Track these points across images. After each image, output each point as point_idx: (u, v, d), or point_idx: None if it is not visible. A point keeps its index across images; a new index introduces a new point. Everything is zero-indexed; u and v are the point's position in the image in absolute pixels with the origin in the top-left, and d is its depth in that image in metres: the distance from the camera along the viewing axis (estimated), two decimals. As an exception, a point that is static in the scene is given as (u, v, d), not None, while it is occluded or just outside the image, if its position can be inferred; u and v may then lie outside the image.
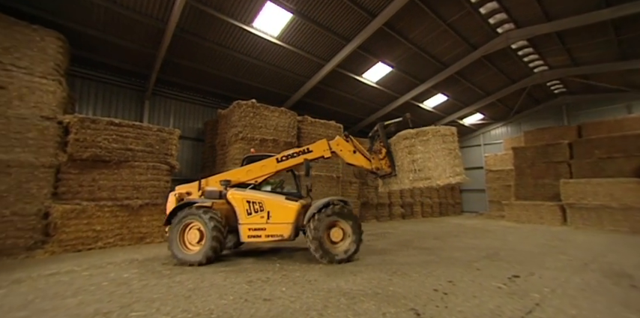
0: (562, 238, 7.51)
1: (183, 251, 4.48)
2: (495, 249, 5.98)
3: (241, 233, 4.69)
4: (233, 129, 8.07)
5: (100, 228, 5.82)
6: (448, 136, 4.83)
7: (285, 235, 4.66)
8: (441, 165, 4.65)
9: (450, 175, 4.60)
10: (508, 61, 12.20)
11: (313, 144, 5.34)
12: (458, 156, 4.77)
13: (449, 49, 10.95)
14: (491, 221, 12.71)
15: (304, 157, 5.15)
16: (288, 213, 4.70)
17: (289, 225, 4.66)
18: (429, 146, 4.76)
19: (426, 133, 4.82)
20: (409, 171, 4.81)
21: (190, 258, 4.39)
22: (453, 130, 4.91)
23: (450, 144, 4.80)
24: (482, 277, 3.87)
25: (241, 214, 4.73)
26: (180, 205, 4.72)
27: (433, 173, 4.65)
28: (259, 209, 4.71)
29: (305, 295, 3.15)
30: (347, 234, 4.68)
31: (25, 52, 5.46)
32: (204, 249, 4.40)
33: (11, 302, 2.92)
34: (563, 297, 3.17)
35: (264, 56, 9.49)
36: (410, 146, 4.89)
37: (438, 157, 4.69)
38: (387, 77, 11.97)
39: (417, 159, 4.77)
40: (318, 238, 4.45)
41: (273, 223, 4.67)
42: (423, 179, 4.72)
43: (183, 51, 8.58)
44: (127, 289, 3.31)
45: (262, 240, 4.68)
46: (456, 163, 4.69)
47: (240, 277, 3.78)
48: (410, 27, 9.53)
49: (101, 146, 5.98)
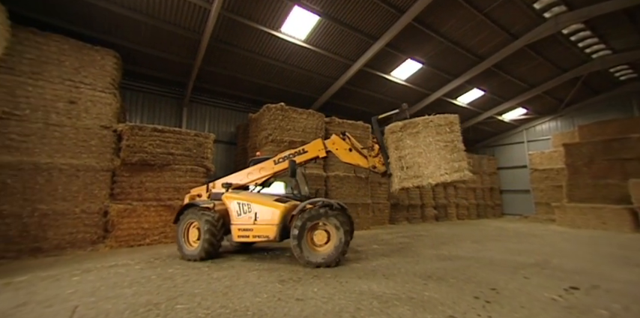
0: (635, 247, 6.53)
1: (186, 247, 4.91)
2: (546, 255, 5.41)
3: (232, 233, 4.89)
4: (263, 132, 8.34)
5: (147, 226, 6.38)
6: (443, 126, 4.22)
7: (271, 236, 4.64)
8: (435, 161, 4.12)
9: (446, 172, 4.07)
10: (558, 48, 11.02)
11: (309, 144, 5.30)
12: (458, 149, 4.18)
13: (485, 40, 10.24)
14: (538, 225, 11.60)
15: (300, 158, 5.17)
16: (272, 214, 4.71)
17: (274, 226, 4.64)
18: (419, 139, 4.23)
19: (415, 124, 4.27)
20: (398, 169, 4.36)
21: (191, 253, 4.79)
22: (451, 119, 4.27)
23: (446, 135, 4.20)
24: (531, 287, 3.52)
25: (233, 215, 4.92)
26: (186, 206, 5.17)
27: (424, 170, 4.15)
28: (247, 210, 4.84)
29: (337, 296, 3.13)
30: (331, 236, 4.41)
31: (90, 71, 6.27)
32: (201, 246, 4.75)
33: (84, 289, 3.36)
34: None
35: (292, 60, 9.68)
36: (397, 141, 4.39)
37: (431, 152, 4.16)
38: (416, 74, 11.54)
39: (405, 155, 4.29)
40: (296, 238, 4.33)
41: (260, 224, 4.74)
42: (411, 178, 4.21)
43: (217, 59, 9.09)
44: (171, 283, 3.58)
45: (250, 240, 4.80)
46: (454, 158, 4.12)
47: (273, 276, 3.88)
48: (441, 20, 9.09)
49: (147, 151, 6.56)
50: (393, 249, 6.10)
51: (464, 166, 4.13)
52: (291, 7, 7.67)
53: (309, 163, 5.53)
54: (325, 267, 4.25)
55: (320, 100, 11.94)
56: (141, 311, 2.68)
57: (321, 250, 4.39)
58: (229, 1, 7.24)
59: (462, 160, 4.16)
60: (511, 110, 15.91)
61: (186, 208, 5.14)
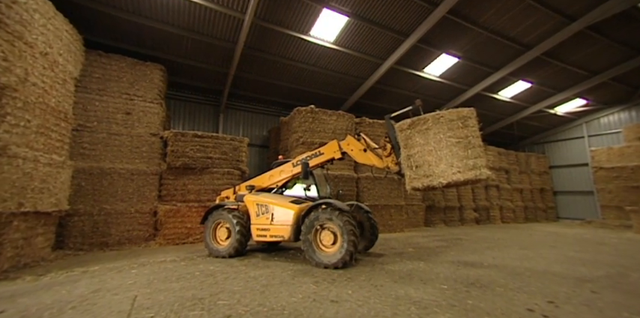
0: None
1: (215, 246, 5.22)
2: (621, 268, 4.70)
3: (252, 232, 5.14)
4: (294, 134, 8.51)
5: (190, 225, 6.86)
6: (455, 121, 3.93)
7: (286, 236, 4.82)
8: (446, 158, 3.86)
9: (459, 170, 3.79)
10: (632, 25, 9.37)
11: (324, 146, 5.39)
12: (472, 145, 3.87)
13: (533, 27, 9.24)
14: (606, 232, 10.17)
15: (315, 161, 5.32)
16: (287, 215, 4.89)
17: (289, 227, 4.81)
18: (429, 137, 4.00)
19: (424, 121, 4.06)
20: (407, 168, 4.20)
21: (220, 252, 5.11)
22: (464, 114, 3.96)
23: (459, 131, 3.90)
24: (601, 303, 3.08)
25: (252, 215, 5.20)
26: (212, 207, 5.52)
27: (435, 169, 3.92)
28: (265, 211, 5.08)
29: (372, 300, 3.06)
30: (337, 237, 4.40)
31: (142, 84, 7.04)
32: (230, 245, 5.08)
33: (140, 280, 3.73)
34: None
35: (321, 62, 9.76)
36: (406, 139, 4.23)
37: (441, 149, 3.91)
38: (452, 69, 10.91)
39: (414, 154, 4.10)
40: (305, 239, 4.52)
41: (276, 224, 4.95)
42: (421, 177, 4.01)
43: (249, 66, 9.51)
44: (213, 280, 3.79)
45: (267, 240, 5.01)
46: (468, 155, 3.82)
47: (307, 277, 3.91)
48: (480, 10, 8.46)
49: (189, 156, 7.08)
50: (429, 253, 5.80)
51: (480, 164, 3.81)
52: (320, 10, 7.75)
53: (327, 164, 5.64)
54: (333, 268, 4.26)
55: (350, 100, 11.86)
56: (188, 304, 2.88)
57: (328, 251, 4.44)
58: (261, 10, 7.54)
59: (478, 157, 3.87)
60: (566, 102, 14.17)
61: (213, 210, 5.49)
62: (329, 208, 4.51)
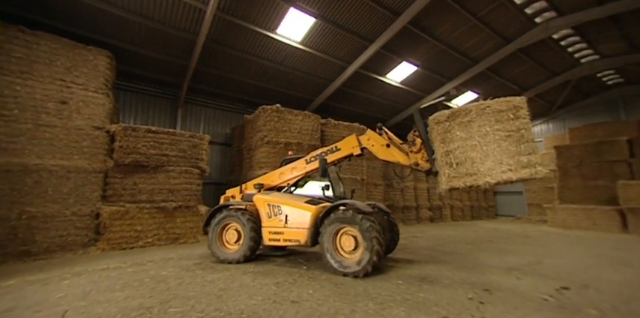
0: (624, 248, 6.67)
1: (223, 250, 4.80)
2: (538, 256, 5.49)
3: (263, 236, 4.71)
4: (259, 133, 8.32)
5: (140, 228, 6.28)
6: (505, 112, 3.41)
7: (302, 241, 4.35)
8: (493, 155, 3.34)
9: (509, 169, 3.28)
10: (548, 52, 11.30)
11: (341, 141, 4.89)
12: (525, 139, 3.34)
13: (479, 44, 10.41)
14: (530, 226, 11.74)
15: (332, 157, 4.80)
16: (303, 217, 4.40)
17: (305, 230, 4.34)
18: (472, 130, 3.45)
19: (466, 112, 3.52)
20: (445, 166, 3.65)
21: (229, 256, 4.68)
22: (515, 103, 3.44)
23: (509, 123, 3.37)
24: (523, 287, 3.57)
25: (263, 217, 4.74)
26: (217, 208, 5.05)
27: (480, 167, 3.38)
28: (278, 212, 4.62)
29: (332, 298, 3.12)
30: (359, 243, 3.93)
31: (82, 71, 6.14)
32: (242, 248, 4.66)
33: (74, 292, 3.28)
34: (630, 315, 2.81)
35: (288, 61, 9.70)
36: (444, 132, 3.65)
37: (488, 144, 3.37)
38: (412, 77, 11.67)
39: (454, 149, 3.55)
40: (323, 244, 4.07)
41: (290, 227, 4.49)
42: (463, 176, 3.48)
43: (212, 60, 9.05)
44: (165, 286, 3.53)
45: (281, 244, 4.57)
46: (520, 151, 3.31)
47: (268, 279, 3.86)
48: (436, 24, 9.22)
49: (141, 152, 6.47)
50: (388, 250, 6.12)
51: (535, 161, 3.31)
52: (286, 9, 7.69)
53: (344, 161, 5.13)
54: (353, 277, 3.82)
55: (316, 101, 11.96)
56: (133, 315, 2.64)
57: (349, 258, 3.98)
58: (224, 2, 7.23)
59: (531, 153, 3.35)
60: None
61: (218, 210, 5.00)
62: (350, 210, 4.02)
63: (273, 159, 8.15)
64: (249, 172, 8.35)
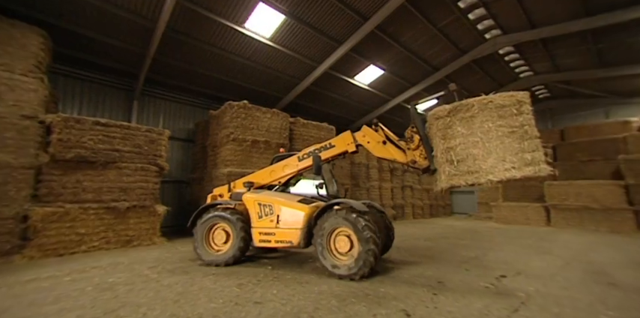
0: (547, 239, 7.74)
1: (209, 252, 4.56)
2: (484, 249, 6.09)
3: (253, 237, 4.50)
4: (224, 130, 7.98)
5: (84, 231, 5.62)
6: (508, 107, 3.26)
7: (295, 242, 4.17)
8: (496, 152, 3.22)
9: (513, 166, 3.15)
10: (496, 66, 12.57)
11: (336, 137, 4.69)
12: (530, 136, 3.21)
13: (439, 53, 11.19)
14: (479, 222, 12.96)
15: (326, 154, 4.61)
16: (296, 217, 4.23)
17: (298, 231, 4.17)
18: (474, 126, 3.32)
19: (468, 107, 3.36)
20: (445, 163, 3.48)
21: (216, 258, 4.46)
22: (518, 97, 3.29)
23: (512, 119, 3.24)
24: (470, 278, 3.93)
25: (253, 217, 4.53)
26: (204, 207, 4.82)
27: (482, 164, 3.24)
28: (269, 212, 4.41)
29: (296, 297, 3.13)
30: (354, 243, 3.79)
31: (5, 49, 5.25)
32: (231, 250, 4.46)
33: (-18, 312, 2.75)
34: (547, 296, 3.26)
35: (257, 57, 9.45)
36: (444, 128, 3.49)
37: (491, 141, 3.24)
38: (378, 80, 12.12)
39: (456, 146, 3.40)
40: (317, 245, 3.93)
41: (282, 227, 4.29)
42: (464, 174, 3.32)
43: (174, 51, 8.46)
44: (112, 294, 3.21)
45: (272, 245, 4.38)
46: (524, 148, 3.18)
47: (231, 280, 3.73)
48: (401, 31, 9.69)
49: (86, 147, 5.80)
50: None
51: (539, 158, 3.15)
52: (255, 3, 7.48)
53: (338, 158, 4.93)
54: (349, 280, 3.69)
55: (285, 99, 11.83)
56: (72, 328, 2.36)
57: (344, 259, 3.84)
58: (189, -10, 6.79)
59: (535, 150, 3.19)
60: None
61: (205, 210, 4.77)
62: (345, 209, 3.90)
63: (240, 157, 7.89)
64: (214, 170, 7.97)
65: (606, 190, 9.66)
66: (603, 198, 9.64)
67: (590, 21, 8.91)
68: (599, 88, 13.60)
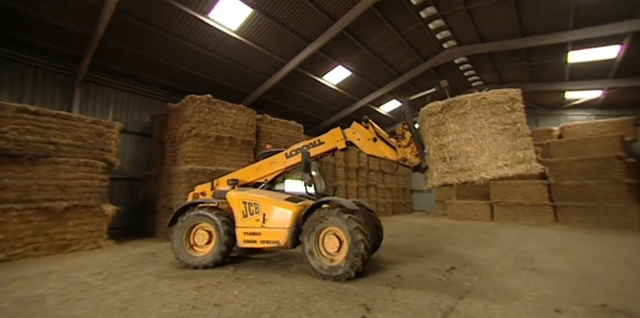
0: (490, 232, 8.62)
1: (189, 253, 4.30)
2: (439, 244, 6.57)
3: (237, 237, 4.29)
4: (185, 124, 7.47)
5: (2, 237, 4.80)
6: (501, 104, 3.23)
7: (282, 242, 4.02)
8: (489, 149, 3.20)
9: (505, 164, 3.13)
10: (452, 74, 13.56)
11: (325, 134, 4.56)
12: (522, 134, 3.19)
13: (403, 58, 11.76)
14: (436, 219, 13.93)
15: (315, 151, 4.48)
16: (283, 216, 4.08)
17: (285, 230, 4.01)
18: (467, 122, 3.28)
19: (461, 103, 3.33)
20: (438, 160, 3.42)
21: (197, 261, 4.22)
22: (511, 94, 3.26)
23: (505, 116, 3.21)
24: (426, 271, 4.21)
25: (238, 216, 4.33)
26: (185, 206, 4.57)
27: (475, 162, 3.21)
28: (255, 211, 4.23)
29: (258, 297, 3.05)
30: (343, 244, 3.68)
31: None
32: (213, 251, 4.21)
33: None
34: (487, 283, 3.64)
35: (222, 50, 9.02)
36: (437, 125, 3.43)
37: (484, 138, 3.22)
38: (346, 80, 12.36)
39: (448, 143, 3.35)
40: (305, 245, 3.80)
41: (269, 227, 4.12)
42: (457, 172, 3.29)
43: (127, 35, 7.69)
44: (38, 308, 2.79)
45: (257, 246, 4.19)
46: (516, 145, 3.16)
47: (189, 283, 3.51)
48: (368, 34, 9.99)
49: (8, 138, 4.96)
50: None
51: (531, 156, 3.14)
52: (222, -7, 7.13)
53: (326, 155, 4.81)
54: (334, 281, 3.57)
55: (252, 95, 11.49)
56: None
57: (332, 260, 3.72)
58: (147, -30, 6.22)
59: (527, 147, 3.17)
60: (420, 121, 18.78)
61: (186, 209, 4.50)
62: (335, 208, 3.75)
63: (202, 153, 7.46)
64: (174, 167, 7.43)
65: (534, 189, 11.12)
66: (532, 196, 11.12)
67: (524, 41, 10.09)
68: (531, 101, 15.51)
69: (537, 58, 11.36)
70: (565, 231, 9.19)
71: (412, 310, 2.75)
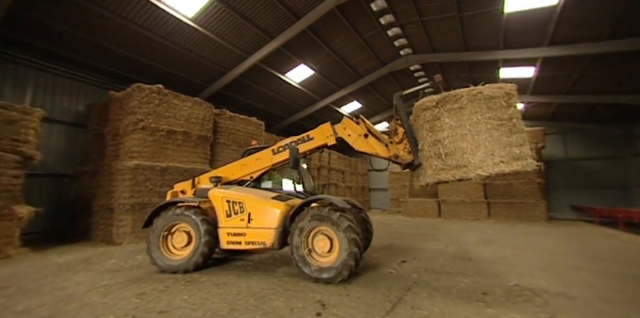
0: (437, 228, 9.44)
1: (167, 256, 3.98)
2: (392, 239, 6.98)
3: (221, 238, 4.02)
4: (131, 116, 6.72)
5: None
6: (498, 99, 3.14)
7: (268, 243, 3.80)
8: (485, 145, 3.12)
9: (502, 160, 3.06)
10: (408, 80, 14.48)
11: (314, 129, 4.36)
12: (518, 130, 3.12)
13: (364, 61, 12.22)
14: (391, 216, 14.76)
15: (304, 147, 4.31)
16: (271, 216, 3.86)
17: (272, 230, 3.80)
18: (463, 118, 3.19)
19: (457, 97, 3.24)
20: (433, 157, 3.31)
21: (175, 264, 3.90)
22: (507, 90, 3.18)
23: (501, 111, 3.13)
24: (379, 266, 4.41)
25: (221, 216, 4.06)
26: (163, 205, 4.26)
27: (470, 158, 3.13)
28: (239, 210, 3.99)
29: (210, 300, 2.90)
30: (335, 244, 3.50)
31: None
32: (193, 254, 3.91)
33: None
34: (432, 274, 3.97)
35: (175, 37, 8.34)
36: (432, 120, 3.33)
37: (480, 134, 3.13)
38: (309, 79, 12.40)
39: (443, 138, 3.25)
40: (294, 245, 3.59)
41: (254, 227, 3.89)
42: (452, 168, 3.19)
43: (54, 10, 6.64)
44: None
45: (242, 247, 3.94)
46: (512, 141, 3.10)
47: (129, 291, 3.17)
48: (331, 35, 10.16)
49: None
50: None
51: (526, 153, 3.08)
52: (177, -25, 6.59)
53: (315, 152, 4.61)
54: (325, 283, 3.38)
55: (210, 88, 10.86)
56: None
57: (323, 261, 3.53)
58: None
59: (523, 144, 3.10)
60: (380, 123, 19.62)
61: (163, 208, 4.20)
62: (326, 207, 3.59)
63: (151, 148, 6.80)
64: (116, 162, 6.64)
65: (473, 188, 12.51)
66: (472, 194, 12.50)
67: (467, 55, 11.24)
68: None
69: (477, 71, 12.74)
70: (495, 224, 10.51)
71: (365, 303, 2.86)
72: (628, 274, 4.09)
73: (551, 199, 14.59)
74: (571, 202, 14.89)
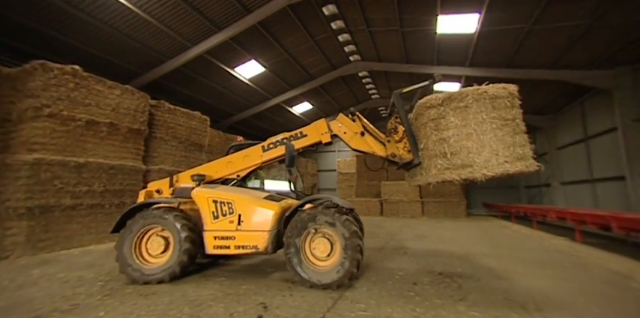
0: (378, 225, 10.12)
1: (140, 265, 3.49)
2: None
3: (206, 242, 3.59)
4: (31, 99, 5.50)
5: None
6: (502, 99, 3.16)
7: (261, 247, 3.48)
8: (490, 145, 3.09)
9: (506, 160, 3.03)
10: (357, 85, 15.30)
11: (308, 126, 4.14)
12: (520, 130, 3.15)
13: (315, 63, 12.43)
14: (337, 215, 15.32)
15: (297, 144, 4.06)
16: (263, 217, 3.56)
17: (265, 233, 3.49)
18: (469, 117, 3.16)
19: (463, 96, 3.21)
20: (437, 156, 3.27)
21: (149, 273, 3.43)
22: (510, 90, 3.20)
23: (505, 111, 3.14)
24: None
25: (206, 218, 3.63)
26: (136, 206, 3.76)
27: (476, 158, 3.09)
28: (228, 212, 3.61)
29: (136, 314, 2.56)
30: (335, 248, 3.31)
31: None
32: (170, 262, 3.45)
33: None
34: (372, 268, 4.22)
35: (104, 16, 7.24)
36: (437, 118, 3.30)
37: (485, 133, 3.11)
38: (260, 76, 12.07)
39: (448, 137, 3.21)
40: (290, 245, 3.33)
41: (245, 230, 3.55)
42: (459, 168, 3.15)
43: None
44: None
45: (231, 252, 3.55)
46: (516, 142, 3.10)
47: (18, 315, 2.59)
48: (283, 34, 10.08)
49: None
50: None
51: (528, 153, 3.07)
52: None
53: (308, 150, 4.30)
54: (324, 289, 3.19)
55: (145, 76, 9.69)
56: None
57: (321, 266, 3.30)
58: None
59: (525, 144, 3.11)
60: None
61: (136, 210, 3.69)
62: (330, 208, 3.33)
63: (63, 140, 5.69)
64: (5, 155, 5.37)
65: (411, 188, 13.76)
66: (409, 193, 13.76)
67: (408, 67, 12.39)
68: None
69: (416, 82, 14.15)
70: (427, 221, 11.77)
71: (307, 302, 2.88)
72: (515, 256, 5.15)
73: (470, 198, 17.03)
74: (483, 200, 17.63)
